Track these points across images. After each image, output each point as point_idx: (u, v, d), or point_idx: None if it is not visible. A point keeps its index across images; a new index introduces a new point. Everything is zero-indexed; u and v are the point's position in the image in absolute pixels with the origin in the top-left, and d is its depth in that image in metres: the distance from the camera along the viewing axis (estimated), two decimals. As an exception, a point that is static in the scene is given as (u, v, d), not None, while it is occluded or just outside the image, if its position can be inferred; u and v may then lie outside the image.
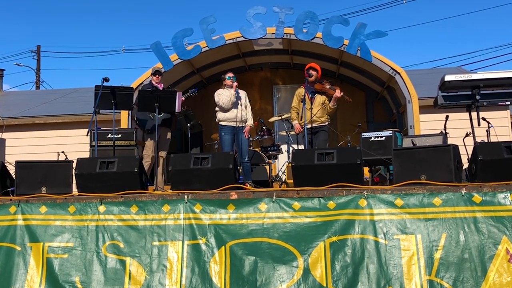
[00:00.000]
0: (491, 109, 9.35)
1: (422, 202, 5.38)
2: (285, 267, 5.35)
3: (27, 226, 5.90)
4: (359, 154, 6.14)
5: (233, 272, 5.40)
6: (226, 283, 5.35)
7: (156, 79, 8.79)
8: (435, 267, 5.07)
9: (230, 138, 8.47)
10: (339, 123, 11.98)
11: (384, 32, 9.72)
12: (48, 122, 12.51)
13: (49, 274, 5.64)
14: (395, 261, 5.17)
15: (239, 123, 8.43)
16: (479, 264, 5.02)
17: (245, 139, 8.45)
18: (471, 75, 7.04)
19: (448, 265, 5.06)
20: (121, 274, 5.55)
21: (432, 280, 5.03)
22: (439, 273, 5.04)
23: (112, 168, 6.40)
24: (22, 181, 6.48)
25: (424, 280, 5.04)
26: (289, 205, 5.62)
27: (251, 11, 10.01)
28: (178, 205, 5.81)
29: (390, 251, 5.22)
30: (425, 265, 5.10)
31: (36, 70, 27.80)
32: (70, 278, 5.60)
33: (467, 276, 5.00)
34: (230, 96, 8.43)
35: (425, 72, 16.05)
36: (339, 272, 5.22)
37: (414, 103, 9.73)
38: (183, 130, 11.99)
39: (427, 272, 5.07)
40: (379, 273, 5.14)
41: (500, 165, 5.69)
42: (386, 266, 5.16)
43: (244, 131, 8.45)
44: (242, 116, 8.42)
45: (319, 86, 8.44)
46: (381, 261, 5.19)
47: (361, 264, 5.21)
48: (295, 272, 5.30)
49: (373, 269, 5.17)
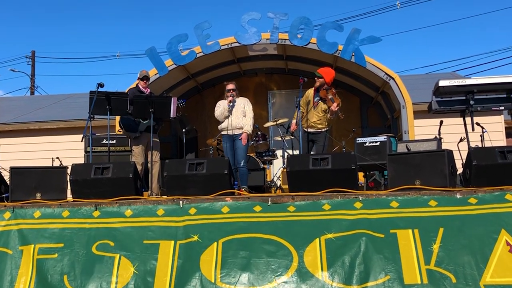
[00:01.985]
0: (485, 114, 9.38)
1: (418, 203, 5.45)
2: (279, 262, 5.35)
3: (20, 231, 5.92)
4: (353, 159, 6.15)
5: (225, 267, 5.39)
6: (217, 278, 5.33)
7: (143, 84, 8.71)
8: (434, 257, 5.08)
9: (229, 145, 8.55)
10: (334, 129, 11.96)
11: (378, 37, 9.77)
12: (43, 128, 12.50)
13: (39, 273, 5.64)
14: (392, 253, 5.18)
15: (233, 130, 8.48)
16: (479, 254, 5.04)
17: (242, 145, 8.46)
18: (465, 81, 7.08)
19: (447, 255, 5.08)
20: (109, 270, 5.54)
21: (431, 269, 5.04)
22: (438, 262, 5.06)
23: (107, 174, 6.40)
24: (17, 187, 6.46)
25: (424, 269, 5.04)
26: (285, 207, 5.66)
27: (245, 17, 10.04)
28: (172, 209, 5.84)
29: (387, 244, 5.23)
30: (424, 255, 5.11)
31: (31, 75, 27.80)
32: (59, 276, 5.60)
33: (467, 265, 5.01)
34: (223, 111, 8.53)
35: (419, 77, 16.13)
36: (335, 265, 5.21)
37: (409, 108, 9.75)
38: (178, 135, 11.99)
39: (425, 262, 5.07)
40: (376, 265, 5.14)
41: (494, 170, 5.72)
42: (383, 258, 5.17)
43: (240, 138, 8.47)
44: (237, 124, 8.44)
45: (323, 94, 8.44)
46: (378, 253, 5.19)
47: (357, 257, 5.21)
48: (289, 267, 5.30)
49: (370, 261, 5.17)
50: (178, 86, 11.72)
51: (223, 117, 8.56)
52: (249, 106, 8.74)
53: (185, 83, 11.95)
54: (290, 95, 12.31)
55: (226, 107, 8.50)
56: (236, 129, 8.47)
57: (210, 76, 12.38)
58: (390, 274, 5.09)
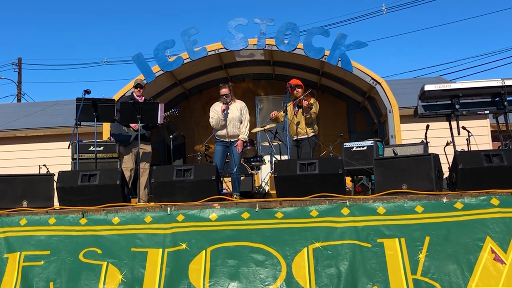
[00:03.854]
0: (471, 118, 9.48)
1: (404, 209, 5.45)
2: (267, 271, 5.35)
3: (6, 238, 5.88)
4: (341, 164, 6.17)
5: (213, 276, 5.38)
6: (205, 287, 5.32)
7: (137, 91, 8.71)
8: (420, 266, 5.11)
9: (222, 149, 8.49)
10: (321, 134, 11.97)
11: (365, 42, 9.80)
12: (29, 135, 12.42)
13: (24, 281, 5.61)
14: (379, 263, 5.20)
15: (230, 138, 8.48)
16: (465, 263, 5.07)
17: (237, 152, 8.45)
18: (450, 85, 7.14)
19: (433, 264, 5.11)
20: (96, 277, 5.52)
21: (418, 279, 5.06)
22: (424, 272, 5.08)
23: (94, 181, 6.37)
24: (3, 195, 6.42)
25: (410, 279, 5.07)
26: (272, 213, 5.66)
27: (232, 23, 10.05)
28: (160, 216, 5.82)
29: (374, 254, 5.25)
30: (410, 265, 5.13)
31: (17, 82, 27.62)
32: (45, 283, 5.56)
33: (453, 274, 5.04)
34: (219, 120, 8.45)
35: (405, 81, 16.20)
36: (322, 276, 5.22)
37: (395, 113, 9.80)
38: (166, 141, 11.96)
39: (412, 271, 5.10)
40: (363, 275, 5.16)
41: (480, 174, 5.76)
42: (370, 268, 5.18)
43: (236, 145, 8.45)
44: (233, 133, 8.46)
45: (298, 101, 8.62)
46: (365, 263, 5.21)
47: (345, 267, 5.23)
48: (278, 276, 5.30)
49: (357, 272, 5.19)
50: (166, 92, 11.70)
51: (219, 126, 8.49)
52: (246, 111, 8.67)
53: (173, 89, 11.93)
54: (277, 101, 12.32)
55: (221, 117, 8.42)
56: (234, 137, 8.47)
57: (198, 82, 12.37)
58: (377, 284, 5.11)
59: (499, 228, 5.17)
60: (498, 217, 5.23)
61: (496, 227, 5.18)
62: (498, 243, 5.11)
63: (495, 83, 6.96)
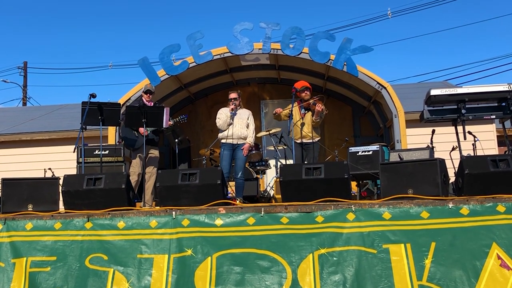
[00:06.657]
0: (477, 123, 9.43)
1: (410, 214, 5.42)
2: (273, 278, 5.33)
3: (12, 243, 5.88)
4: (346, 169, 6.15)
5: (219, 283, 5.37)
6: None
7: (147, 97, 8.66)
8: (426, 272, 5.08)
9: (229, 153, 8.47)
10: (326, 138, 12.02)
11: (370, 47, 9.79)
12: (35, 138, 12.44)
13: (31, 287, 5.62)
14: (385, 269, 5.17)
15: (237, 140, 8.45)
16: (471, 269, 5.05)
17: (242, 156, 8.43)
18: (456, 90, 7.11)
19: (439, 270, 5.08)
20: (103, 285, 5.51)
21: (424, 285, 5.04)
22: (430, 278, 5.06)
23: (99, 184, 6.37)
24: (8, 198, 6.43)
25: (416, 285, 5.04)
26: (278, 219, 5.63)
27: (238, 27, 10.06)
28: (165, 220, 5.80)
29: (379, 260, 5.23)
30: (416, 271, 5.11)
31: (23, 86, 27.71)
32: None
33: (459, 280, 5.01)
34: (226, 119, 8.46)
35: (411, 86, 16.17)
36: (328, 283, 5.20)
37: (401, 118, 9.78)
38: (171, 146, 11.97)
39: (418, 277, 5.08)
40: (369, 282, 5.14)
41: (486, 179, 5.73)
42: (376, 274, 5.16)
43: (242, 148, 8.44)
44: (240, 134, 8.43)
45: (307, 104, 8.52)
46: (371, 270, 5.19)
47: (350, 274, 5.21)
48: (283, 283, 5.29)
49: (363, 279, 5.17)
50: (171, 96, 11.73)
51: (226, 125, 8.48)
52: (252, 118, 8.74)
53: (178, 93, 11.95)
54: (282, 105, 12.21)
55: (229, 115, 8.46)
56: (239, 139, 8.44)
57: (203, 86, 12.40)
58: None
59: (505, 235, 5.14)
60: (505, 224, 5.20)
61: (502, 234, 5.15)
62: (504, 249, 5.07)
63: (502, 87, 6.93)
